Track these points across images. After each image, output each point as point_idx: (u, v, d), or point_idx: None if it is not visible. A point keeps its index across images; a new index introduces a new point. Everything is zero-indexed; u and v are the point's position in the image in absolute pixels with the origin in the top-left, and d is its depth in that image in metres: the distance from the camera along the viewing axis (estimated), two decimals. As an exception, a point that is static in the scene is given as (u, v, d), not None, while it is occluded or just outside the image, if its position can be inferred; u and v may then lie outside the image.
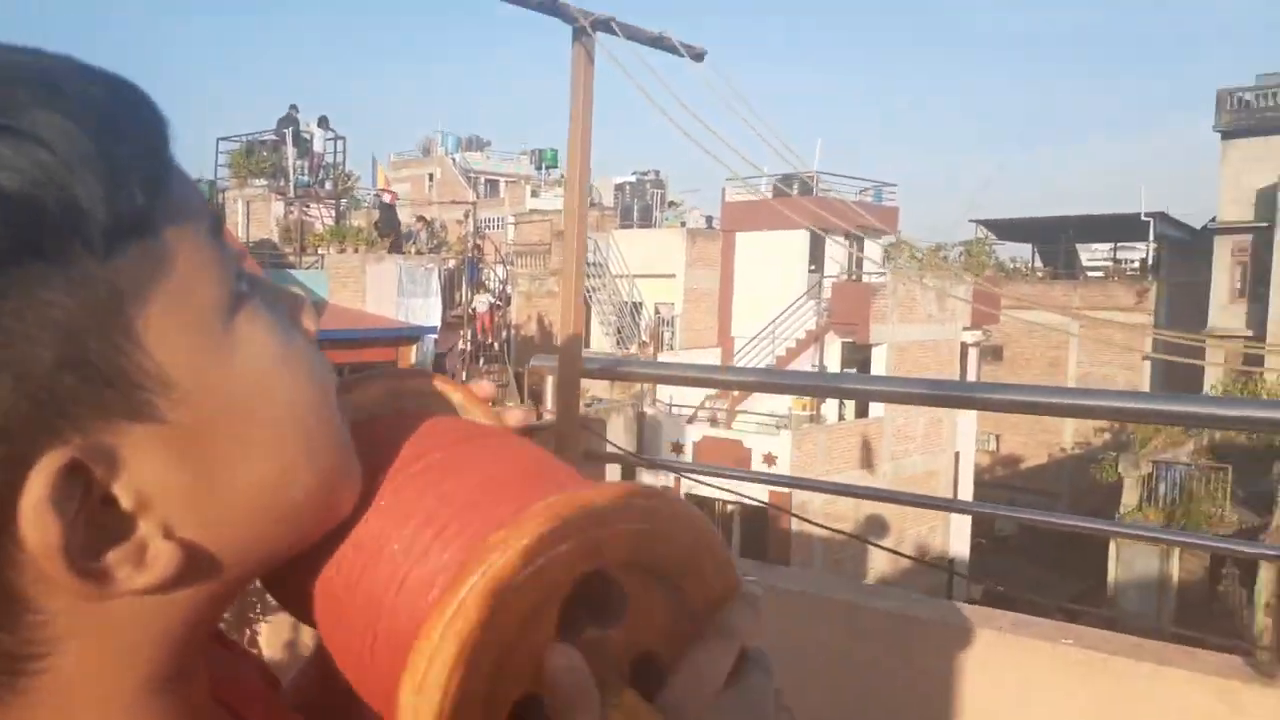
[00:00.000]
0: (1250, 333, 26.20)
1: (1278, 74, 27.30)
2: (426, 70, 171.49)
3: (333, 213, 20.12)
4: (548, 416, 2.74)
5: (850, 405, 23.72)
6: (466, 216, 26.10)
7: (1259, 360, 25.08)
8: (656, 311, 25.99)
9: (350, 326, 15.55)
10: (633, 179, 36.20)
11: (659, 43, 3.73)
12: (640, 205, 31.22)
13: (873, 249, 26.65)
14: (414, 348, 17.00)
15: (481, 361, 19.65)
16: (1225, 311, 27.07)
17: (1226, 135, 27.49)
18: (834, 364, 23.95)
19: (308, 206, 19.37)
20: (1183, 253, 30.22)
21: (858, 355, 24.09)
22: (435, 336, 17.96)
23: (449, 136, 53.67)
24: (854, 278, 25.34)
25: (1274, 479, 17.83)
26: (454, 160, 51.96)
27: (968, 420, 27.73)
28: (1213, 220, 28.40)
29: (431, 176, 51.40)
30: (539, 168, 53.42)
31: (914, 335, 23.89)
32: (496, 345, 21.29)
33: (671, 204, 31.60)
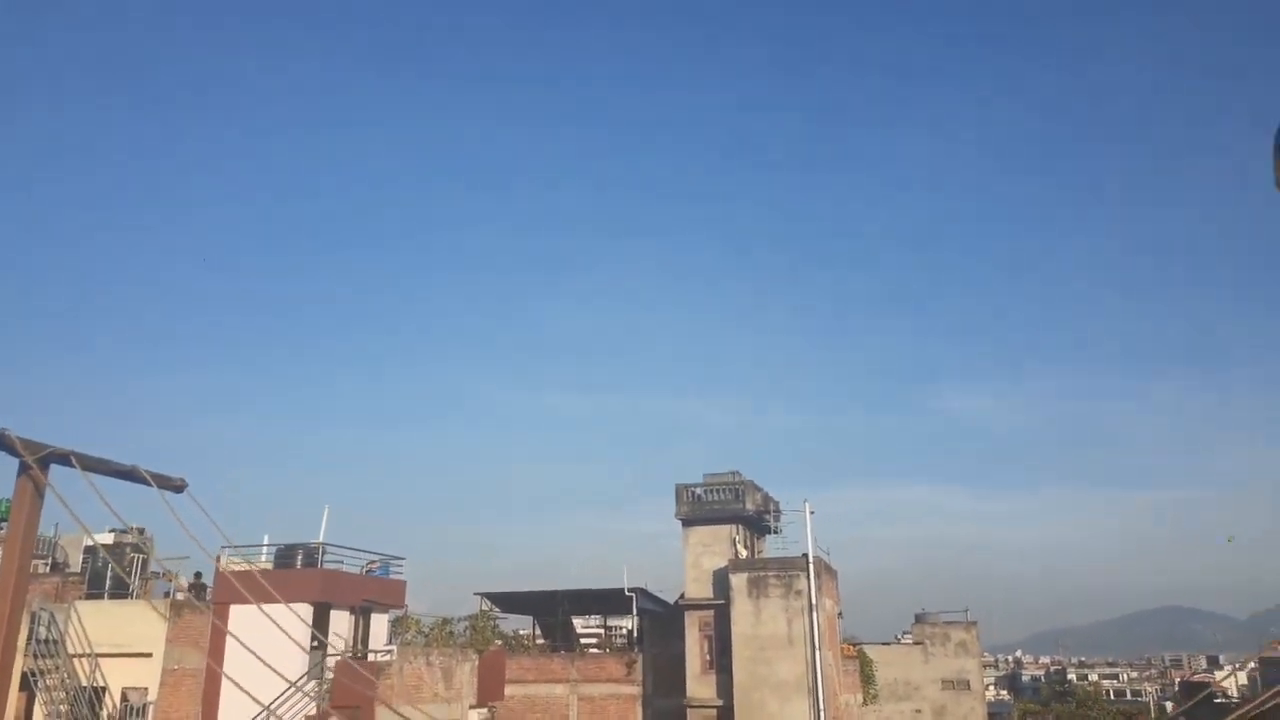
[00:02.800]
0: (721, 702, 29.22)
1: (719, 474, 33.14)
2: None
3: None
4: None
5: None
6: None
7: (729, 728, 27.86)
8: (124, 698, 22.14)
9: None
10: (110, 538, 32.04)
11: (132, 475, 3.67)
12: (116, 572, 27.39)
13: (380, 624, 25.92)
14: None
15: None
16: (699, 681, 30.09)
17: (686, 523, 32.15)
18: (335, 754, 21.85)
19: None
20: (661, 626, 33.53)
21: (362, 742, 22.31)
22: None
23: None
24: (359, 655, 24.13)
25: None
26: None
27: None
28: (682, 597, 32.23)
29: None
30: (-15, 522, 45.23)
31: (421, 716, 22.98)
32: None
33: (159, 574, 28.12)
